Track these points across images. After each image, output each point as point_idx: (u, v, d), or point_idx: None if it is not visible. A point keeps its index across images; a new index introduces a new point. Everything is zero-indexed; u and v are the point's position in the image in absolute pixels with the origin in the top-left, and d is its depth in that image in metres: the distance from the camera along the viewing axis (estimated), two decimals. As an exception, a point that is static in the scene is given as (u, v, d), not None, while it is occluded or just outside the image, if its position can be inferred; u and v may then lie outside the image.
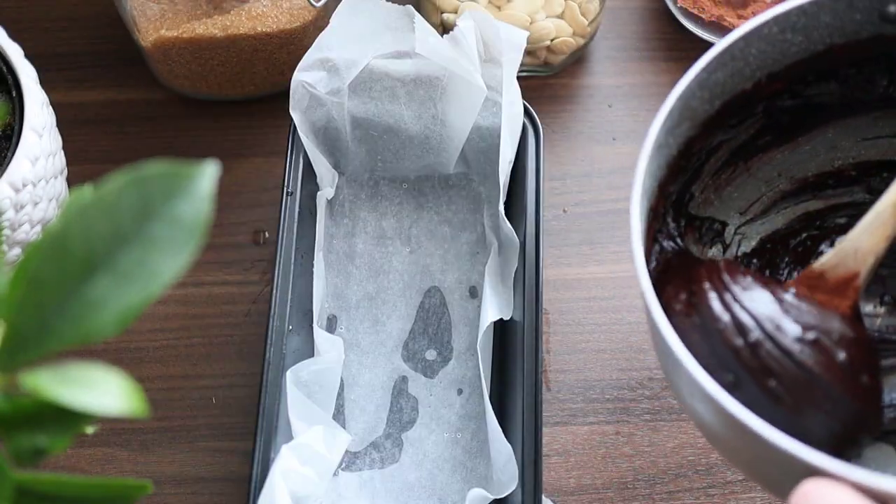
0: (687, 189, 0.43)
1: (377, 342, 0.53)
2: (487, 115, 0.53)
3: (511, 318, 0.49)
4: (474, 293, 0.54)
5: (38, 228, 0.47)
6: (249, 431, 0.51)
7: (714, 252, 0.45)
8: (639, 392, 0.52)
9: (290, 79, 0.50)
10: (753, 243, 0.46)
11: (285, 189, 0.49)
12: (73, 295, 0.21)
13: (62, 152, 0.50)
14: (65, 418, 0.22)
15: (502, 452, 0.45)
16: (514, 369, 0.48)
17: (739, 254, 0.45)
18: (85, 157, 0.58)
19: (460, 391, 0.52)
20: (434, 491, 0.49)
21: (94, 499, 0.25)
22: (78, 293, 0.21)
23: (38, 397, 0.20)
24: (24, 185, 0.44)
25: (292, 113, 0.50)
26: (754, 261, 0.46)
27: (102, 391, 0.20)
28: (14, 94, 0.46)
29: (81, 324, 0.20)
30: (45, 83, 0.49)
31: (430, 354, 0.53)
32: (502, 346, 0.52)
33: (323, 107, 0.51)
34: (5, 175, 0.43)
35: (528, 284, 0.48)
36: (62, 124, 0.51)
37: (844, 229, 0.42)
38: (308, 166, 0.52)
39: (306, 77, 0.50)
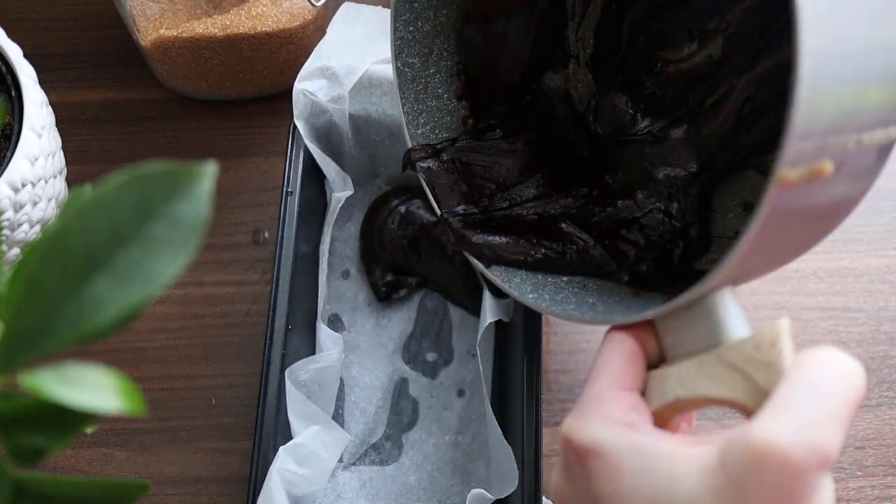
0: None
1: (378, 344, 0.53)
2: (487, 115, 0.53)
3: (511, 318, 0.49)
4: (474, 293, 0.54)
5: (37, 228, 0.47)
6: (249, 431, 0.51)
7: (571, 69, 0.46)
8: (639, 392, 0.52)
9: (290, 79, 0.50)
10: (591, 41, 0.45)
11: (285, 189, 0.49)
12: (73, 295, 0.20)
13: (61, 152, 0.50)
14: (64, 418, 0.22)
15: (502, 453, 0.45)
16: (514, 370, 0.48)
17: (587, 57, 0.45)
18: (85, 157, 0.58)
19: (461, 393, 0.52)
20: (434, 493, 0.49)
21: (94, 499, 0.25)
22: (77, 293, 0.20)
23: (38, 397, 0.20)
24: (24, 185, 0.44)
25: (297, 122, 0.50)
26: (596, 60, 0.46)
27: (101, 391, 0.20)
28: (13, 93, 0.46)
29: (81, 324, 0.20)
30: (44, 83, 0.48)
31: (431, 356, 0.53)
32: (502, 346, 0.51)
33: (325, 114, 0.51)
34: (4, 175, 0.43)
35: (528, 285, 0.48)
36: (62, 124, 0.51)
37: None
38: (308, 166, 0.52)
39: (307, 86, 0.50)
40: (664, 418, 0.33)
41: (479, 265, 0.42)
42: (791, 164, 0.27)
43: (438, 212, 0.43)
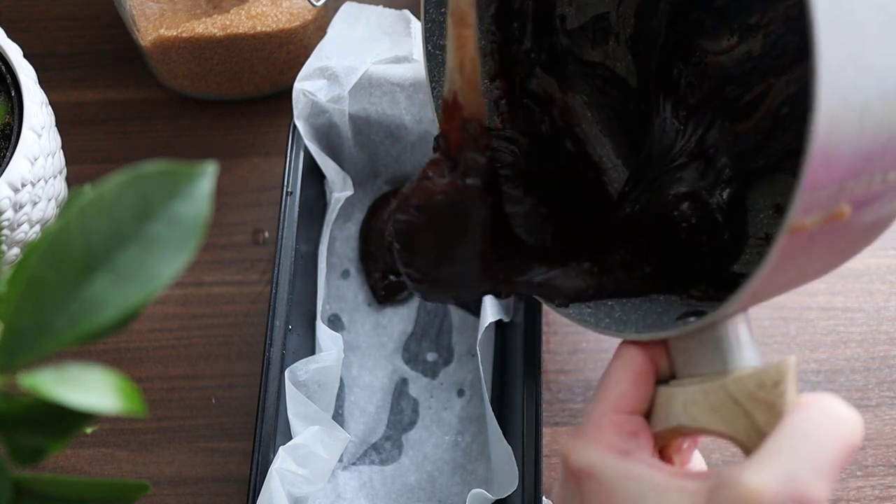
0: (551, 19, 0.42)
1: (378, 344, 0.53)
2: (487, 115, 0.52)
3: (511, 318, 0.49)
4: (474, 293, 0.54)
5: (37, 228, 0.47)
6: (249, 431, 0.51)
7: (611, 46, 0.44)
8: (639, 392, 0.52)
9: (290, 78, 0.50)
10: (632, 20, 0.44)
11: (285, 189, 0.49)
12: (72, 295, 0.20)
13: (61, 152, 0.50)
14: (64, 418, 0.22)
15: (502, 453, 0.45)
16: (514, 370, 0.48)
17: (628, 36, 0.44)
18: (84, 156, 0.58)
19: (461, 392, 0.52)
20: (434, 493, 0.49)
21: (94, 499, 0.25)
22: (77, 293, 0.20)
23: (38, 397, 0.20)
24: (24, 185, 0.44)
25: (297, 122, 0.50)
26: (636, 39, 0.45)
27: (101, 391, 0.20)
28: (13, 93, 0.46)
29: (80, 324, 0.20)
30: (44, 83, 0.48)
31: (431, 356, 0.53)
32: (502, 346, 0.51)
33: (325, 114, 0.51)
34: (4, 175, 0.43)
35: (528, 284, 0.48)
36: (62, 124, 0.51)
37: None
38: (308, 166, 0.52)
39: (307, 86, 0.50)
40: (667, 439, 0.33)
41: None
42: (805, 212, 0.25)
43: None
